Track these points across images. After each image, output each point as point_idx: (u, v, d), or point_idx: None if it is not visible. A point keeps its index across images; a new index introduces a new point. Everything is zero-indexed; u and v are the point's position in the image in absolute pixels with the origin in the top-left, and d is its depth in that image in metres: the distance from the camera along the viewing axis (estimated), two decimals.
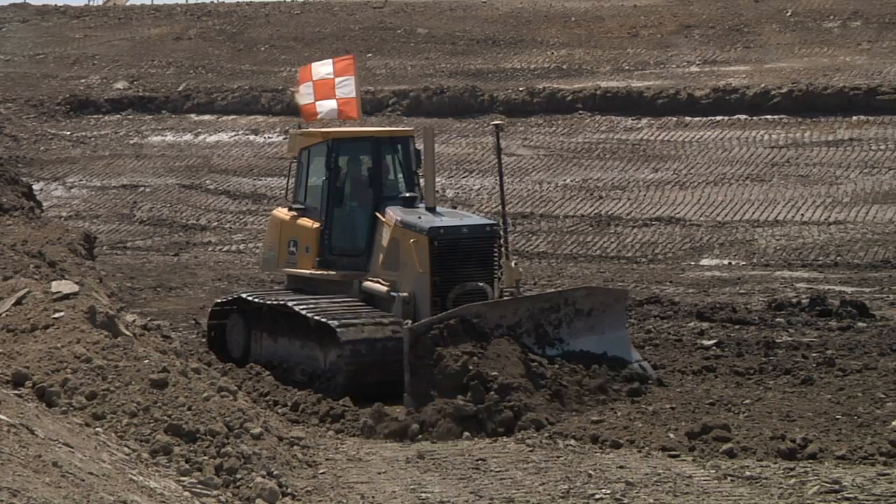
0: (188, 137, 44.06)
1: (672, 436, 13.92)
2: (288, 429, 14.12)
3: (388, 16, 55.93)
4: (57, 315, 13.36)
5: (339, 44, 50.29)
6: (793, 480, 12.41)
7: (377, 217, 17.60)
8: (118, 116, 46.58)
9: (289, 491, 11.53)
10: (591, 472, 12.76)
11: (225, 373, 16.61)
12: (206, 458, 11.47)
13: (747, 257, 29.76)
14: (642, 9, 53.93)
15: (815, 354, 18.49)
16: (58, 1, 64.48)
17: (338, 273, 17.90)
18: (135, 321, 15.13)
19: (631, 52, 49.07)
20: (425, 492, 12.19)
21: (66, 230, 22.46)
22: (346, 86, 19.14)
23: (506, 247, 17.45)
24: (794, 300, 23.54)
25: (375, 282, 17.41)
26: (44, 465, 9.15)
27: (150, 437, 11.51)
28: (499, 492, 12.18)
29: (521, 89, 44.27)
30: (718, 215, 33.39)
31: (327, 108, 19.24)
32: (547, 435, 14.24)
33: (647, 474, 12.66)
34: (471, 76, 47.09)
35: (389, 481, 12.60)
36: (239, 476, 11.33)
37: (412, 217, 17.15)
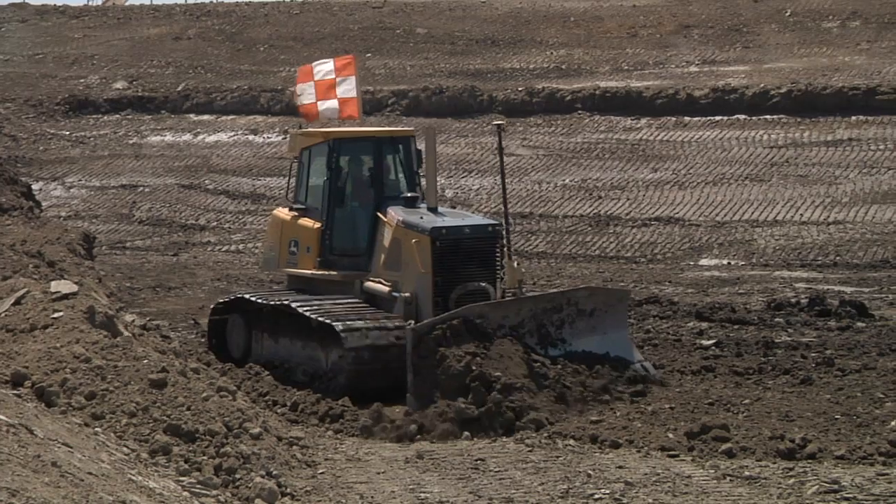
0: (187, 137, 44.04)
1: (671, 436, 13.92)
2: (287, 429, 14.12)
3: (387, 16, 55.91)
4: (56, 315, 13.36)
5: (338, 44, 50.28)
6: (792, 480, 12.40)
7: (379, 217, 17.53)
8: (117, 116, 46.57)
9: (288, 491, 11.53)
10: (591, 471, 12.76)
11: (224, 373, 16.60)
12: (206, 458, 11.47)
13: (746, 257, 29.76)
14: (641, 9, 53.92)
15: (814, 354, 18.48)
16: (57, 1, 64.51)
17: (339, 273, 17.83)
18: (134, 321, 15.13)
19: (630, 52, 49.06)
20: (424, 492, 12.19)
21: (66, 230, 22.45)
22: (347, 85, 19.13)
23: (508, 247, 17.43)
24: (794, 300, 23.54)
25: (377, 282, 17.34)
26: (43, 464, 9.15)
27: (149, 437, 11.50)
28: (498, 492, 12.18)
29: (520, 89, 44.26)
30: (717, 215, 33.39)
31: (328, 108, 19.22)
32: (546, 435, 14.24)
33: (647, 474, 12.65)
34: (470, 76, 47.08)
35: (388, 481, 12.60)
36: (238, 476, 11.32)
37: (414, 217, 17.09)
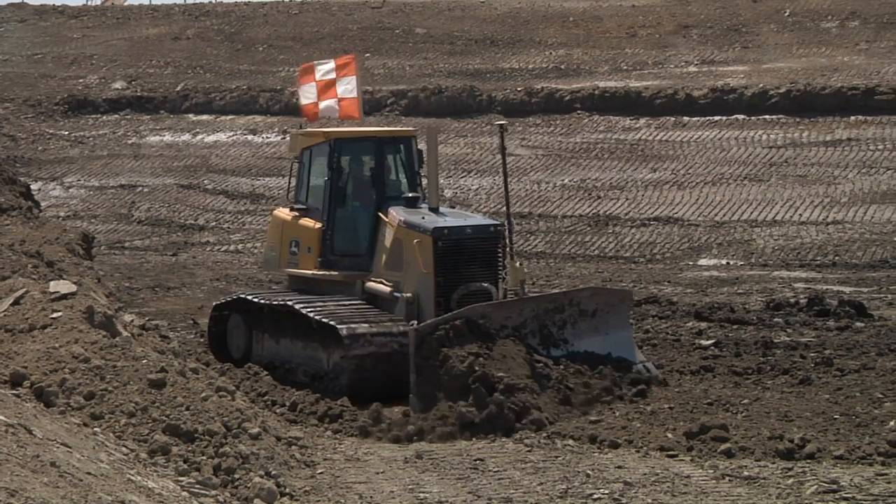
0: (186, 137, 44.04)
1: (670, 436, 13.92)
2: (286, 429, 14.12)
3: (386, 16, 55.92)
4: (55, 315, 13.36)
5: (337, 44, 50.29)
6: (791, 480, 12.40)
7: (380, 217, 17.49)
8: (116, 116, 46.57)
9: (287, 491, 11.53)
10: (590, 471, 12.76)
11: (223, 373, 16.61)
12: (205, 457, 11.47)
13: (745, 257, 29.77)
14: (640, 9, 53.92)
15: (813, 354, 18.49)
16: (56, 1, 64.47)
17: (340, 274, 17.79)
18: (133, 321, 15.13)
19: (629, 52, 49.07)
20: (423, 492, 12.19)
21: (64, 230, 22.44)
22: (348, 85, 19.11)
23: (510, 247, 17.40)
24: (793, 300, 23.55)
25: (378, 282, 17.29)
26: (42, 465, 9.15)
27: (148, 437, 11.50)
28: (497, 492, 12.18)
29: (519, 89, 44.27)
30: (716, 215, 33.40)
31: (328, 108, 19.20)
32: (545, 435, 14.24)
33: (646, 474, 12.65)
34: (469, 76, 47.09)
35: (387, 481, 12.60)
36: (237, 476, 11.32)
37: (416, 217, 17.03)
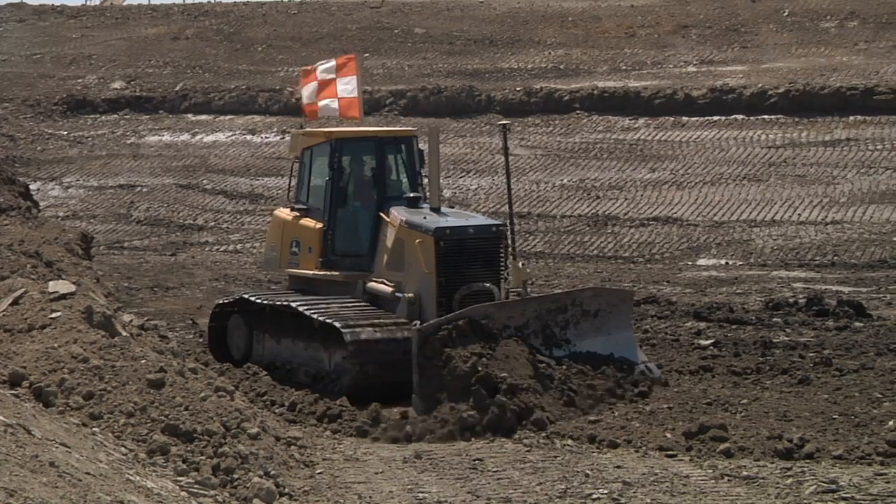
0: (185, 137, 44.03)
1: (669, 436, 13.93)
2: (285, 429, 14.12)
3: (385, 16, 55.91)
4: (54, 315, 13.35)
5: (336, 44, 50.27)
6: (790, 480, 12.40)
7: (381, 217, 17.46)
8: (115, 116, 46.55)
9: (286, 491, 11.53)
10: (589, 471, 12.76)
11: (222, 373, 16.60)
12: (204, 457, 11.46)
13: (744, 257, 29.77)
14: (639, 9, 53.92)
15: (812, 354, 18.49)
16: (55, 1, 64.46)
17: (341, 274, 17.74)
18: (132, 321, 15.12)
19: (628, 52, 49.07)
20: (422, 492, 12.19)
21: (63, 230, 22.43)
22: (348, 85, 19.09)
23: (513, 247, 17.37)
24: (791, 300, 23.55)
25: (380, 282, 17.24)
26: (41, 465, 9.15)
27: (147, 437, 11.50)
28: (496, 492, 12.18)
29: (518, 89, 44.26)
30: (715, 215, 33.40)
31: (329, 108, 19.18)
32: (544, 435, 14.25)
33: (645, 474, 12.65)
34: (468, 76, 47.08)
35: (386, 481, 12.60)
36: (236, 476, 11.32)
37: (417, 217, 16.99)
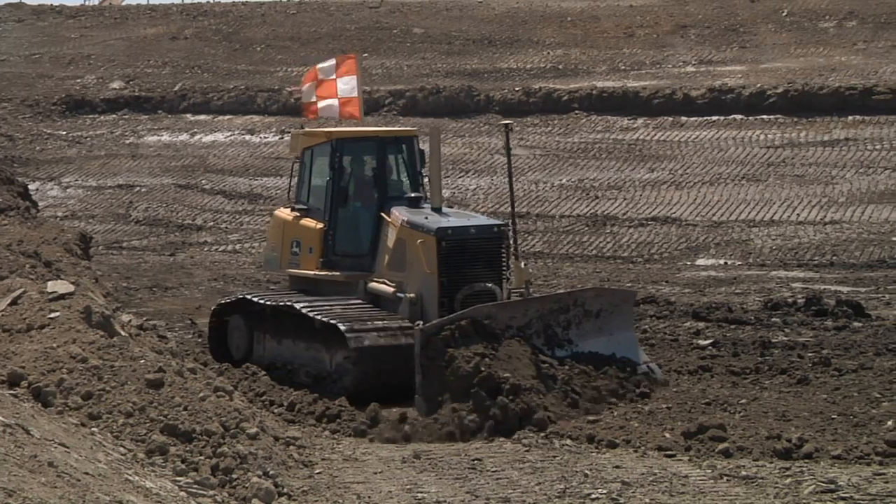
0: (184, 137, 44.02)
1: (668, 435, 13.93)
2: (284, 429, 14.11)
3: (384, 16, 55.90)
4: (53, 315, 13.35)
5: (335, 43, 50.27)
6: (788, 480, 12.40)
7: (382, 217, 17.41)
8: (114, 116, 46.54)
9: (285, 491, 11.52)
10: (588, 471, 12.76)
11: (221, 373, 16.60)
12: (202, 458, 11.46)
13: (743, 257, 29.77)
14: (638, 9, 53.91)
15: (810, 354, 18.50)
16: (53, 1, 64.44)
17: (342, 274, 17.69)
18: (131, 321, 15.11)
19: (627, 52, 49.07)
20: (421, 492, 12.18)
21: (62, 230, 22.43)
22: (348, 85, 19.07)
23: (515, 247, 17.36)
24: (790, 300, 23.54)
25: (381, 283, 17.19)
26: (39, 465, 9.15)
27: (145, 437, 11.49)
28: (495, 492, 12.18)
29: (517, 89, 44.26)
30: (714, 215, 33.40)
31: (329, 108, 19.15)
32: (543, 435, 14.24)
33: (644, 474, 12.65)
34: (467, 76, 47.08)
35: (385, 481, 12.59)
36: (235, 476, 11.31)
37: (419, 217, 16.94)
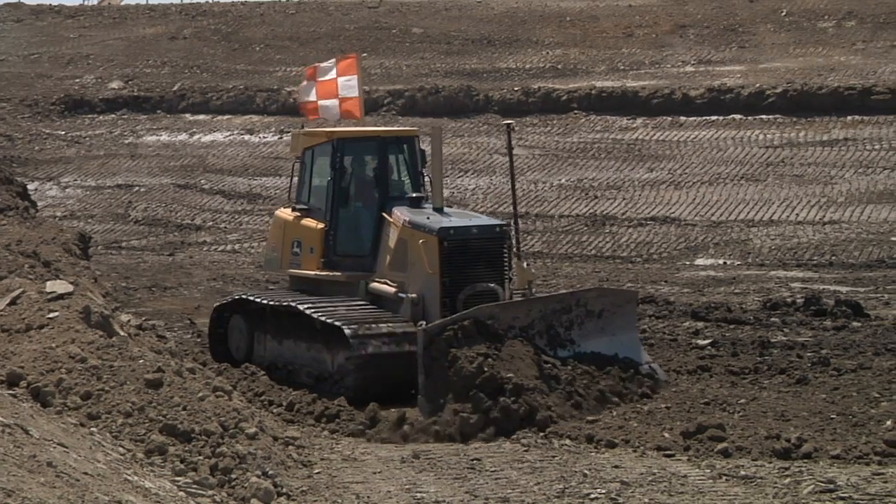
0: (183, 137, 44.02)
1: (667, 435, 13.92)
2: (283, 429, 14.11)
3: (383, 15, 55.90)
4: (52, 315, 13.34)
5: (334, 43, 50.27)
6: (788, 480, 12.40)
7: (384, 217, 17.39)
8: (113, 116, 46.54)
9: (284, 491, 11.52)
10: (587, 471, 12.76)
11: (220, 373, 16.60)
12: (201, 458, 11.46)
13: (742, 257, 29.78)
14: (637, 8, 53.92)
15: (809, 354, 18.50)
16: (52, 0, 64.44)
17: (343, 274, 17.67)
18: (130, 321, 15.10)
19: (626, 52, 49.08)
20: (420, 492, 12.18)
21: (61, 230, 22.40)
22: (349, 85, 19.06)
23: (518, 247, 17.35)
24: (789, 300, 23.55)
25: (382, 283, 17.16)
26: (38, 465, 9.14)
27: (144, 437, 11.49)
28: (494, 492, 12.17)
29: (516, 89, 44.26)
30: (713, 215, 33.41)
31: (329, 108, 19.14)
32: (542, 435, 14.24)
33: (642, 474, 12.65)
34: (466, 76, 47.08)
35: (384, 481, 12.59)
36: (234, 476, 11.31)
37: (420, 217, 16.91)
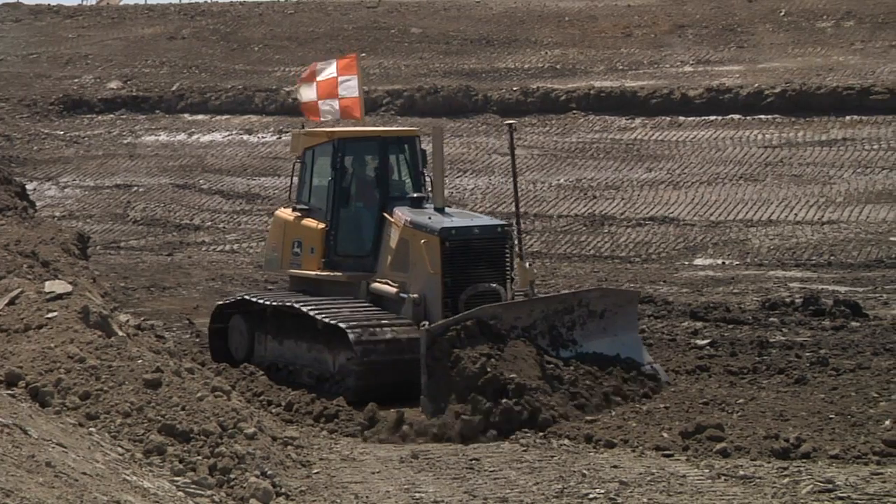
0: (182, 137, 44.02)
1: (666, 435, 13.93)
2: (282, 429, 14.11)
3: (381, 15, 55.90)
4: (50, 315, 13.34)
5: (332, 43, 50.27)
6: (786, 480, 12.41)
7: (385, 218, 17.36)
8: (112, 116, 46.53)
9: (283, 491, 11.52)
10: (585, 471, 12.76)
11: (219, 373, 16.60)
12: (200, 458, 11.46)
13: (741, 257, 29.78)
14: (636, 8, 53.93)
15: (808, 354, 18.51)
16: (51, 0, 64.42)
17: (344, 274, 17.64)
18: (128, 321, 15.10)
19: (624, 52, 49.08)
20: (419, 492, 12.18)
21: (60, 230, 22.39)
22: (349, 85, 19.05)
23: (520, 247, 17.35)
24: (788, 300, 23.56)
25: (384, 283, 17.14)
26: (37, 465, 9.14)
27: (143, 437, 11.48)
28: (493, 491, 12.18)
29: (514, 89, 44.26)
30: (712, 215, 33.41)
31: (329, 108, 19.13)
32: (541, 435, 14.25)
33: (641, 474, 12.65)
34: (465, 76, 47.07)
35: (383, 481, 12.59)
36: (233, 476, 11.31)
37: (422, 217, 16.88)
